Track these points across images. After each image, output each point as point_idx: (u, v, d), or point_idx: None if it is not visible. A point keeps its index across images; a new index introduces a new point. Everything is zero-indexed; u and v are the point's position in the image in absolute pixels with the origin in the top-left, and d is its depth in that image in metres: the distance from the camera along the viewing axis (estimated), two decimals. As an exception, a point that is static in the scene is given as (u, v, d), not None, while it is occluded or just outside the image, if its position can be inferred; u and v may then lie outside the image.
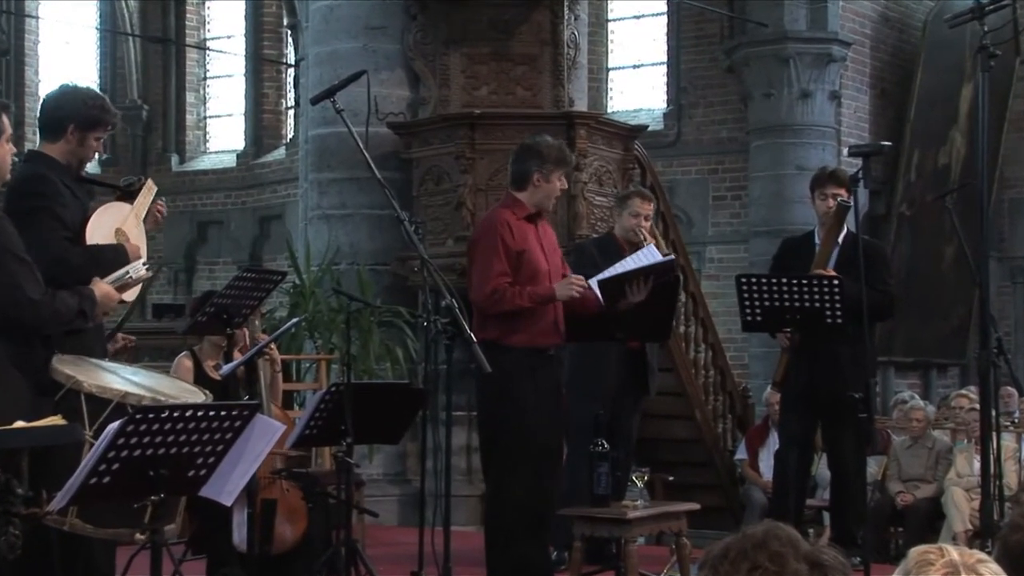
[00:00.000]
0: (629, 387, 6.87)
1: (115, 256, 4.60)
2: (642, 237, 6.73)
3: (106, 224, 4.65)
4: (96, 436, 3.66)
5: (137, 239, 4.75)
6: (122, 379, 4.18)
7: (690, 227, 13.58)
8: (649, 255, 6.08)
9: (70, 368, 4.08)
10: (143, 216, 4.86)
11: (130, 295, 4.69)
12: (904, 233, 13.46)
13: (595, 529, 5.73)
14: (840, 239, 6.58)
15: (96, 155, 4.91)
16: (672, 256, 7.04)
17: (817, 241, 6.65)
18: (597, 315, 5.83)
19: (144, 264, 4.60)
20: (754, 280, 6.25)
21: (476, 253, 5.64)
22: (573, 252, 7.04)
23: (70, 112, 4.64)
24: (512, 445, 5.53)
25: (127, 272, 4.51)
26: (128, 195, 4.92)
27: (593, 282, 5.79)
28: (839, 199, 6.49)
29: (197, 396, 4.19)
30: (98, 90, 6.94)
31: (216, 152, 17.43)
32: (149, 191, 4.92)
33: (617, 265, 6.07)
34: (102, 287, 4.43)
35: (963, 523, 8.27)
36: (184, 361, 6.47)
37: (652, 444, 9.53)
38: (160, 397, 3.98)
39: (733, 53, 13.26)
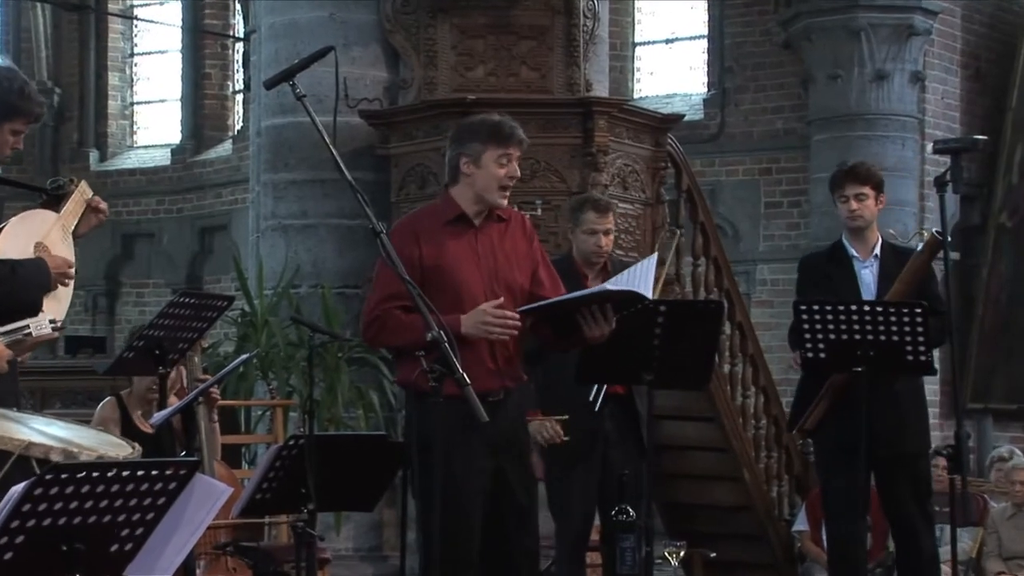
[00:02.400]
0: (623, 443, 6.70)
1: (35, 273, 4.58)
2: (604, 261, 6.75)
3: (24, 236, 4.64)
4: (-6, 499, 3.66)
5: (65, 256, 4.74)
6: (30, 429, 4.17)
7: (737, 241, 13.59)
8: (636, 277, 5.80)
9: (-36, 417, 4.08)
10: (72, 227, 4.85)
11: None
12: (1004, 248, 13.47)
13: (618, 618, 5.74)
14: (878, 250, 6.63)
15: (11, 152, 4.80)
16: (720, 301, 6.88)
17: (853, 254, 6.65)
18: (619, 352, 5.74)
19: (51, 321, 4.38)
20: (816, 307, 6.25)
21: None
22: None
23: None
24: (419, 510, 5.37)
25: (26, 326, 4.28)
26: (55, 200, 4.91)
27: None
28: (933, 230, 6.42)
29: (123, 450, 4.18)
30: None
31: (146, 147, 17.46)
32: (81, 196, 4.91)
33: (611, 282, 6.03)
34: None
35: (1079, 611, 8.28)
36: (108, 409, 6.47)
37: (689, 511, 9.53)
38: (73, 449, 3.98)
39: (791, 25, 13.29)
